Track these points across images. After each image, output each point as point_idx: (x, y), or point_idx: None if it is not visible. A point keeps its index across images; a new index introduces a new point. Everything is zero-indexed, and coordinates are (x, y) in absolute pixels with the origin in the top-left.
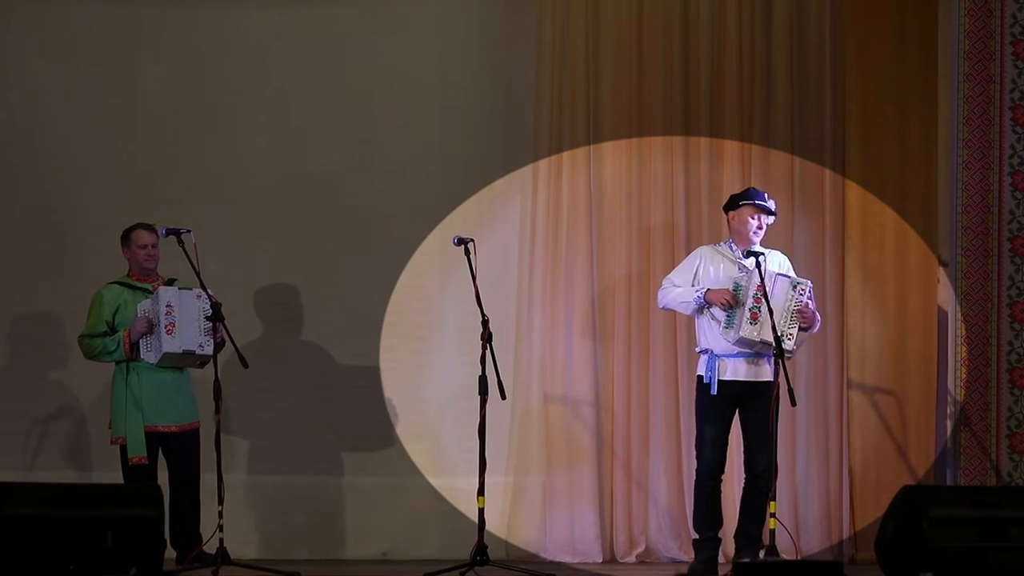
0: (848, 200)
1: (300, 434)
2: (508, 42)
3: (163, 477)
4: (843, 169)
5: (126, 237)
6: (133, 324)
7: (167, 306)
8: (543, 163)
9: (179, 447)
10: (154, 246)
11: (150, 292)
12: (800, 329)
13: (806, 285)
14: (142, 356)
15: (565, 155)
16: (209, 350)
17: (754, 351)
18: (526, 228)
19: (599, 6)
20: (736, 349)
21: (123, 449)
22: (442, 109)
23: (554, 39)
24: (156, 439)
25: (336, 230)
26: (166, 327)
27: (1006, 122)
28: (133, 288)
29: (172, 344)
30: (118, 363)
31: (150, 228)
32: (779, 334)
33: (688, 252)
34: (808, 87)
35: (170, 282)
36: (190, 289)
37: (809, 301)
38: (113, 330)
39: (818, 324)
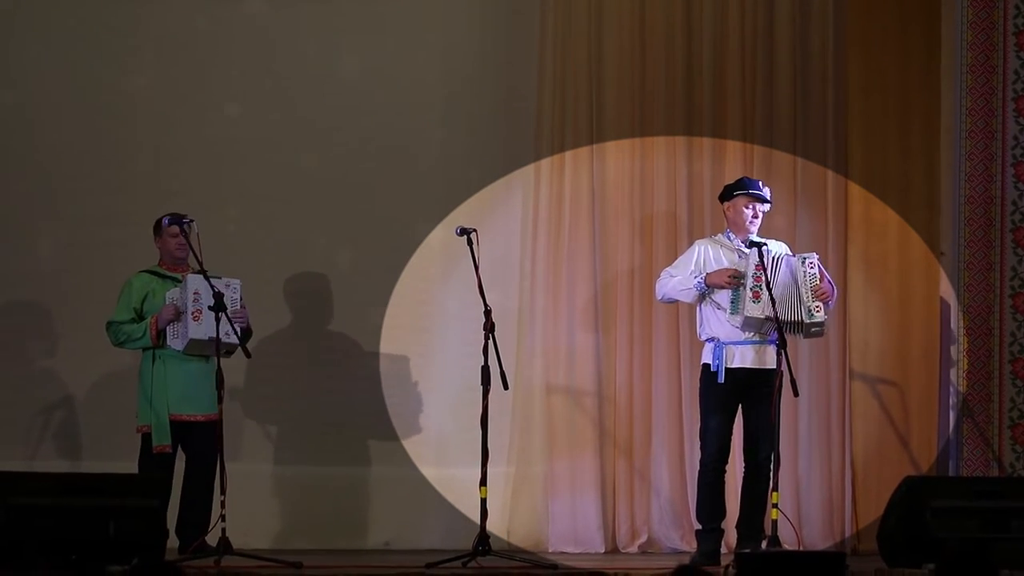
0: (851, 193)
1: (301, 425)
2: (510, 39)
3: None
4: (845, 171)
5: (158, 226)
6: (160, 311)
7: (195, 293)
8: (546, 160)
9: (201, 437)
10: (187, 237)
11: (179, 281)
12: (823, 301)
13: (813, 257)
14: (168, 343)
15: (568, 154)
16: (235, 338)
17: (761, 331)
18: (528, 219)
19: (601, 5)
20: (743, 336)
21: (146, 437)
22: (444, 107)
23: (556, 38)
24: (179, 428)
25: (338, 224)
26: (193, 314)
27: (1009, 113)
28: (163, 277)
29: (198, 331)
30: (145, 351)
31: (191, 221)
32: (807, 309)
33: (690, 245)
34: (811, 86)
35: (200, 273)
36: (219, 278)
37: (819, 272)
38: (141, 318)
39: (835, 293)
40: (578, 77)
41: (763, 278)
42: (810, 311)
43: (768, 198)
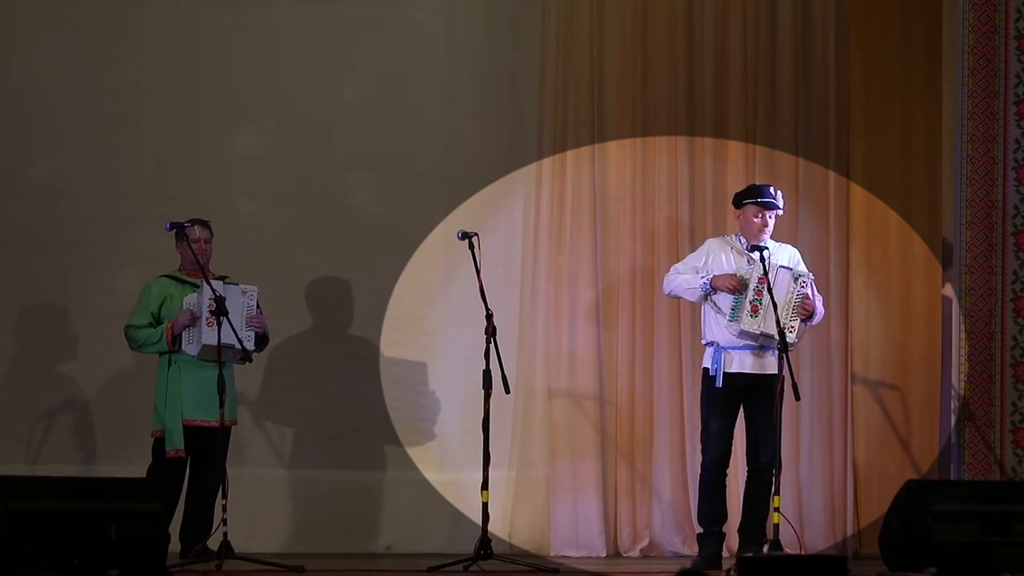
0: (852, 196)
1: (304, 429)
2: (512, 40)
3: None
4: (847, 172)
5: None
6: (177, 316)
7: (210, 299)
8: (547, 159)
9: (213, 443)
10: (207, 242)
11: (198, 286)
12: (801, 320)
13: (807, 278)
14: (183, 348)
15: (569, 154)
16: (250, 345)
17: (757, 344)
18: (530, 222)
19: (603, 5)
20: (742, 342)
21: (159, 442)
22: (446, 108)
23: (558, 38)
24: (193, 433)
25: (339, 226)
26: (207, 319)
27: (1010, 117)
28: (182, 282)
29: (212, 336)
30: (161, 355)
31: (204, 224)
32: (781, 327)
33: (693, 247)
34: (813, 88)
35: (221, 279)
36: (237, 284)
37: (810, 292)
38: (159, 322)
39: (819, 316)
40: (580, 77)
41: (764, 292)
42: (784, 330)
43: (778, 204)
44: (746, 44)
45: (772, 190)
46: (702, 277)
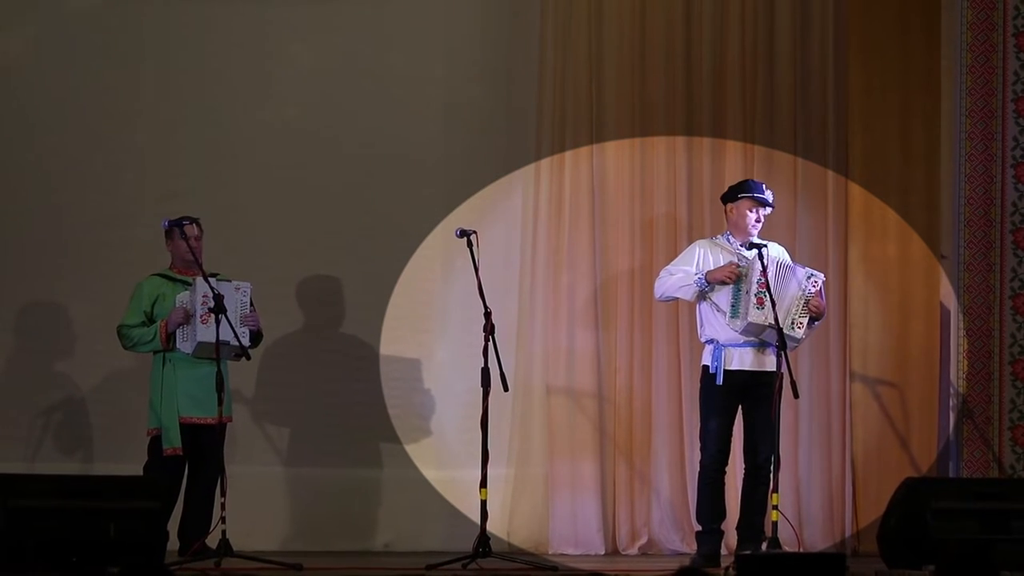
0: (851, 194)
1: (302, 427)
2: (511, 40)
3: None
4: (846, 171)
5: (171, 230)
6: (170, 314)
7: (204, 296)
8: (546, 159)
9: (210, 440)
10: (197, 239)
11: (190, 284)
12: (811, 319)
13: (819, 277)
14: (178, 346)
15: (568, 153)
16: (245, 341)
17: (761, 337)
18: (528, 220)
19: (602, 5)
20: (742, 338)
21: (155, 440)
22: (445, 108)
23: (556, 38)
24: (188, 431)
25: (338, 225)
26: (201, 317)
27: (1009, 114)
28: (173, 280)
29: (206, 334)
30: (156, 353)
31: (195, 221)
32: (790, 321)
33: (690, 245)
34: (811, 87)
35: (213, 275)
36: (229, 281)
37: (820, 293)
38: (152, 321)
39: (823, 317)
40: (578, 77)
41: (767, 283)
42: (792, 325)
43: (772, 202)
44: (744, 43)
45: (764, 187)
46: (696, 274)
